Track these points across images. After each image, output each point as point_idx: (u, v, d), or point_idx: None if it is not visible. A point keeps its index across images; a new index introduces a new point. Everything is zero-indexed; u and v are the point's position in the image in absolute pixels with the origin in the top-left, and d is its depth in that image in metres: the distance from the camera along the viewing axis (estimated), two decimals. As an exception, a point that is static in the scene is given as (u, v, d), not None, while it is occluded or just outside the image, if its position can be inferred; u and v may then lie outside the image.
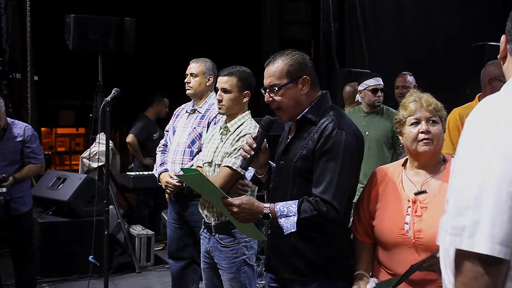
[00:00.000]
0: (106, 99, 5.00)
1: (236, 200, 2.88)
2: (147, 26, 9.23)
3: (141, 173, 7.53)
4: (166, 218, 5.21)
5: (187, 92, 4.92)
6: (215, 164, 3.90)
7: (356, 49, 9.59)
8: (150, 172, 7.03)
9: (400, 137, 2.90)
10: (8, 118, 5.40)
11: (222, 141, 3.96)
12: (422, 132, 2.74)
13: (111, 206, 5.53)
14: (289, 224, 2.78)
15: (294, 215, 2.78)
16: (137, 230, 7.33)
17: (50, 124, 14.00)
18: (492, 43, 7.30)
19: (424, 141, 2.73)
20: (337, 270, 2.90)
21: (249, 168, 3.13)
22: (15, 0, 8.22)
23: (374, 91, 5.62)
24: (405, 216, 2.72)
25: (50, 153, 13.18)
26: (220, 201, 2.95)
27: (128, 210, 8.33)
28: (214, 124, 4.62)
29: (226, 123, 4.01)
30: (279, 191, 2.98)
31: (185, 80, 4.91)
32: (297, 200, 2.81)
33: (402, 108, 2.85)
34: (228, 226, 3.74)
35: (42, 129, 11.84)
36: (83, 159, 7.59)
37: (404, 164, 2.88)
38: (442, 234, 1.61)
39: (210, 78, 4.86)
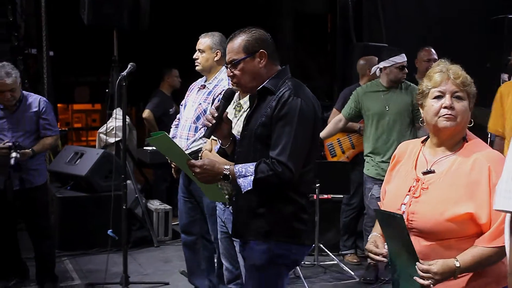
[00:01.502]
0: (122, 74, 5.04)
1: (198, 162, 3.04)
2: (162, 1, 9.21)
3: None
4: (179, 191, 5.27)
5: (196, 68, 4.93)
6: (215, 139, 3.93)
7: (373, 24, 9.50)
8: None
9: (420, 110, 2.69)
10: (23, 91, 5.46)
11: (236, 117, 3.98)
12: (445, 107, 2.52)
13: (128, 181, 5.59)
14: (246, 183, 2.95)
15: (251, 175, 2.95)
16: (155, 204, 7.40)
17: (66, 101, 14.01)
18: (512, 16, 7.24)
19: (446, 116, 2.52)
20: (292, 234, 3.04)
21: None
22: (29, -25, 8.24)
23: (401, 68, 5.63)
24: (405, 196, 2.60)
25: (66, 129, 13.23)
26: (185, 164, 3.09)
27: (146, 185, 8.39)
28: (219, 100, 4.66)
29: (240, 99, 4.04)
30: (241, 159, 3.13)
31: (194, 56, 4.92)
32: (255, 162, 2.96)
33: (426, 78, 2.64)
34: None
35: (59, 105, 11.85)
36: (100, 135, 7.65)
37: (424, 141, 2.73)
38: (496, 198, 1.64)
39: (218, 53, 4.82)
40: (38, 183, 5.43)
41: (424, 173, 2.59)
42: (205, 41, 4.88)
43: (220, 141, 3.35)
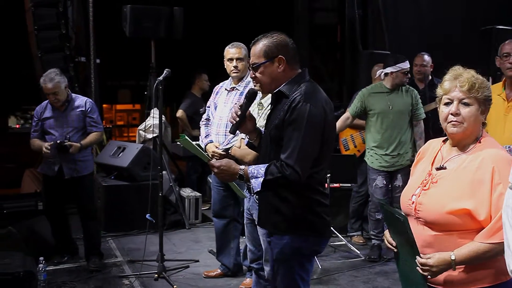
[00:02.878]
0: (159, 78, 5.03)
1: (216, 163, 2.95)
2: (193, 14, 9.20)
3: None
4: (211, 182, 5.25)
5: (235, 75, 4.83)
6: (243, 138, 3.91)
7: (377, 33, 9.43)
8: (198, 142, 7.09)
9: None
10: (72, 94, 5.53)
11: (259, 115, 3.97)
12: (451, 114, 2.42)
13: (164, 172, 5.59)
14: (256, 184, 2.85)
15: (261, 177, 2.84)
16: (187, 192, 7.40)
17: (110, 101, 14.10)
18: (500, 27, 7.13)
19: (453, 122, 2.42)
20: (308, 227, 2.92)
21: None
22: (79, -7, 8.27)
23: (406, 73, 5.60)
24: (417, 188, 2.51)
25: (110, 126, 13.30)
26: (207, 163, 3.07)
27: (179, 175, 8.40)
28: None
29: (261, 99, 4.02)
30: (262, 155, 3.07)
31: (233, 65, 4.82)
32: (267, 164, 2.87)
33: (440, 84, 2.54)
34: None
35: (104, 105, 11.93)
36: (139, 131, 7.66)
37: (445, 140, 2.59)
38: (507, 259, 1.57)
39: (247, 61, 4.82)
40: (85, 172, 5.47)
41: (437, 169, 2.49)
42: (241, 50, 4.83)
43: (247, 136, 3.28)
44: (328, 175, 5.80)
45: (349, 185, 6.51)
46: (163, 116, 5.55)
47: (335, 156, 6.32)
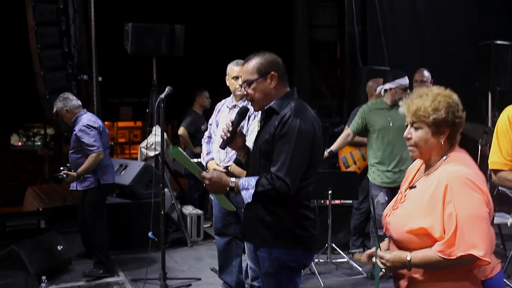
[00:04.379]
0: (160, 96, 5.02)
1: (207, 174, 3.00)
2: (194, 31, 9.23)
3: (192, 160, 7.57)
4: (213, 199, 5.23)
5: (240, 93, 4.69)
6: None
7: (377, 49, 9.47)
8: (199, 160, 7.06)
9: None
10: (82, 113, 5.77)
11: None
12: (406, 137, 2.50)
13: (166, 189, 5.58)
14: (247, 195, 2.92)
15: (252, 188, 2.90)
16: (189, 210, 7.37)
17: (112, 118, 14.13)
18: (499, 42, 7.14)
19: (409, 146, 2.49)
20: (296, 241, 2.95)
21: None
22: (81, 12, 8.30)
23: (405, 89, 5.58)
24: (391, 207, 2.55)
25: (112, 143, 13.32)
26: (198, 175, 3.08)
27: (180, 192, 8.37)
28: (254, 117, 4.61)
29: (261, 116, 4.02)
30: (251, 169, 3.11)
31: (238, 83, 4.67)
32: (258, 176, 2.92)
33: None
34: None
35: (106, 122, 11.91)
36: (141, 149, 7.65)
37: None
38: None
39: None
40: (86, 187, 5.66)
41: (410, 188, 2.51)
42: None
43: (236, 152, 3.32)
44: (329, 192, 5.78)
45: (350, 201, 6.48)
46: (164, 133, 5.54)
47: (336, 173, 6.32)
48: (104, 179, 5.70)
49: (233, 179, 2.97)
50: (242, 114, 3.22)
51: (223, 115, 4.95)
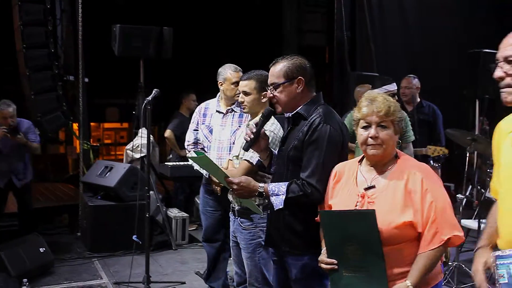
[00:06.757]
0: (147, 98, 4.97)
1: (236, 179, 3.04)
2: (183, 34, 9.22)
3: (178, 163, 7.55)
4: (199, 203, 5.19)
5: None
6: (241, 157, 3.88)
7: (366, 55, 9.51)
8: (186, 163, 7.04)
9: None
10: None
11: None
12: (371, 137, 2.57)
13: (151, 192, 5.53)
14: (278, 201, 2.92)
15: (283, 194, 2.91)
16: (174, 212, 7.35)
17: (98, 120, 14.04)
18: (487, 50, 7.19)
19: (372, 145, 2.58)
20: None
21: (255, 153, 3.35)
22: (69, 12, 8.27)
23: (393, 95, 5.59)
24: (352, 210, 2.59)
25: (98, 144, 13.24)
26: (224, 180, 3.10)
27: (166, 195, 8.34)
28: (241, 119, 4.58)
29: (250, 120, 4.00)
30: (278, 175, 3.11)
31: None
32: (288, 182, 2.93)
33: (356, 109, 2.68)
34: (248, 211, 3.74)
35: (92, 124, 11.89)
36: (127, 151, 7.61)
37: (360, 161, 2.73)
38: None
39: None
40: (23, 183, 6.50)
41: (366, 189, 2.59)
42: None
43: (259, 155, 3.33)
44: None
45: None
46: (151, 136, 5.51)
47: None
48: None
49: (261, 184, 3.00)
50: (267, 116, 3.24)
51: (215, 120, 4.87)
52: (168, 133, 8.05)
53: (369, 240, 2.43)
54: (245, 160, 3.78)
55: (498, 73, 2.16)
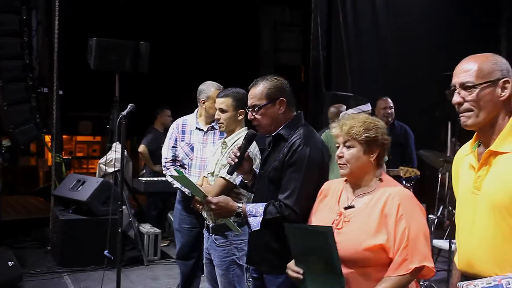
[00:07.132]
0: (122, 113, 4.91)
1: (214, 199, 3.05)
2: (159, 49, 9.22)
3: (151, 178, 7.52)
4: (173, 220, 5.15)
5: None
6: (216, 174, 3.88)
7: (341, 74, 9.58)
8: (160, 178, 7.01)
9: None
10: None
11: (222, 154, 3.94)
12: (337, 156, 2.62)
13: (124, 207, 5.49)
14: (255, 222, 2.94)
15: (260, 216, 2.92)
16: (146, 228, 7.30)
17: (71, 132, 13.91)
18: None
19: (340, 165, 2.62)
20: None
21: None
22: (45, 24, 8.21)
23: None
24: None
25: (70, 157, 13.12)
26: (204, 199, 3.12)
27: (138, 210, 8.29)
28: (216, 137, 4.58)
29: (225, 138, 4.01)
30: (258, 195, 3.12)
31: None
32: (265, 203, 2.93)
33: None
34: (222, 228, 3.74)
35: (64, 136, 11.75)
36: (100, 165, 7.56)
37: (347, 180, 2.73)
38: None
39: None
40: None
41: (346, 208, 2.60)
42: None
43: (242, 176, 3.32)
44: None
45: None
46: (124, 150, 5.48)
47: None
48: None
49: (239, 205, 3.01)
50: (249, 139, 3.20)
51: (195, 137, 4.84)
52: (142, 148, 8.03)
53: (328, 256, 2.43)
54: (221, 177, 3.78)
55: (456, 98, 2.20)
